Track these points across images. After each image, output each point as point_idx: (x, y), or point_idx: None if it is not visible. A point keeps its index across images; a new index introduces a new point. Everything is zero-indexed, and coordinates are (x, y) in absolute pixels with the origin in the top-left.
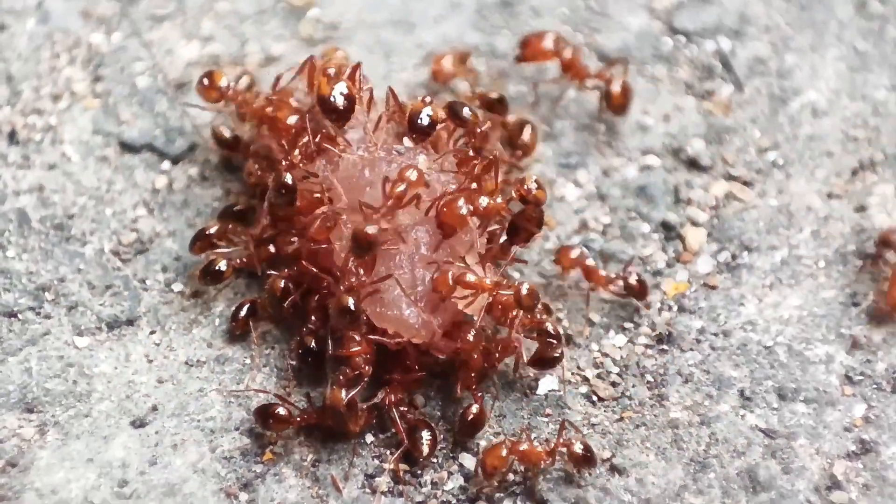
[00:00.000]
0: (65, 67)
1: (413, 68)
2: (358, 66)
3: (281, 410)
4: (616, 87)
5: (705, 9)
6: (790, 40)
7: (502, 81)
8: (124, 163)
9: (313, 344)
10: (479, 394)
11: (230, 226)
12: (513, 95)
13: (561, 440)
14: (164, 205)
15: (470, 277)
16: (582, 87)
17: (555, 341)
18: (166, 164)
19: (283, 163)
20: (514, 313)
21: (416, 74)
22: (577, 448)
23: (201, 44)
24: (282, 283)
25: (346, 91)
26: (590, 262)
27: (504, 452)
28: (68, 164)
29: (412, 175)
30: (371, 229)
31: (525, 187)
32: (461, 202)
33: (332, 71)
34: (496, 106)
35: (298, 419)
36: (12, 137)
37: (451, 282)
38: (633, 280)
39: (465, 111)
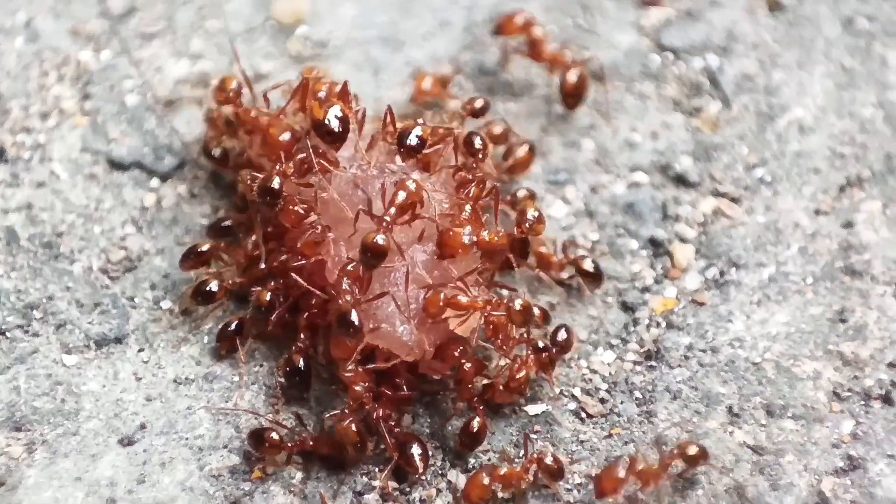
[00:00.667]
0: (53, 85)
1: (401, 86)
2: (346, 84)
3: (274, 435)
4: (572, 77)
5: (693, 26)
6: (777, 57)
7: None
8: (113, 180)
9: (301, 363)
10: (480, 407)
11: (220, 244)
12: (500, 112)
13: (531, 455)
14: (153, 222)
15: (461, 298)
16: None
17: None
18: (155, 182)
19: (276, 169)
20: (506, 334)
21: (404, 92)
22: (548, 461)
23: (191, 61)
24: (267, 297)
25: (340, 114)
26: (543, 249)
27: (486, 481)
28: (57, 182)
29: (411, 185)
30: (380, 239)
31: (525, 218)
32: (467, 231)
33: (322, 94)
34: (480, 113)
35: (291, 445)
36: (1, 155)
37: (441, 303)
38: (587, 266)
39: (478, 141)
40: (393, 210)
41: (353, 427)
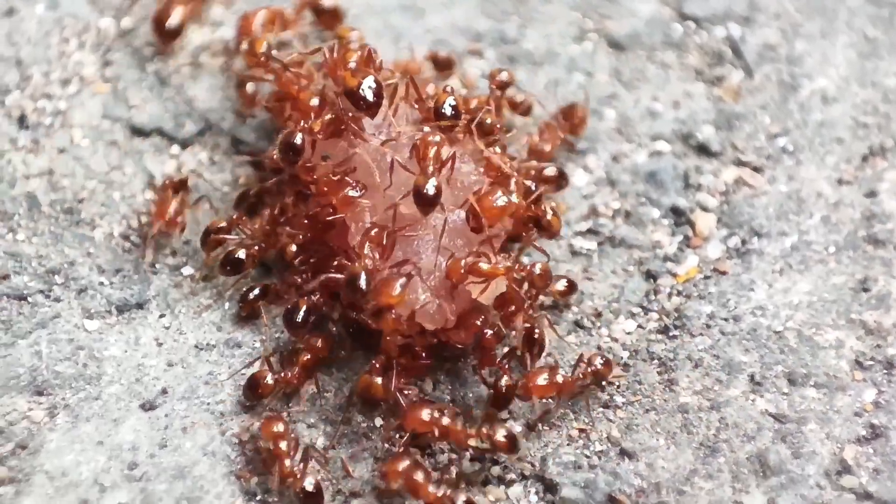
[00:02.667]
0: (74, 52)
1: (422, 53)
2: (370, 51)
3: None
4: None
5: None
6: (800, 27)
7: (511, 67)
8: (134, 147)
9: (302, 314)
10: (507, 366)
11: (238, 216)
12: (522, 82)
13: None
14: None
15: (482, 265)
16: None
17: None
18: (175, 149)
19: (300, 125)
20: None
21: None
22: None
23: (211, 28)
24: (293, 249)
25: (374, 84)
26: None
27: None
28: (78, 149)
29: (436, 138)
30: (431, 185)
31: (541, 209)
32: (499, 194)
33: (352, 64)
34: (506, 86)
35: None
36: (22, 122)
37: (462, 270)
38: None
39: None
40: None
41: (379, 381)
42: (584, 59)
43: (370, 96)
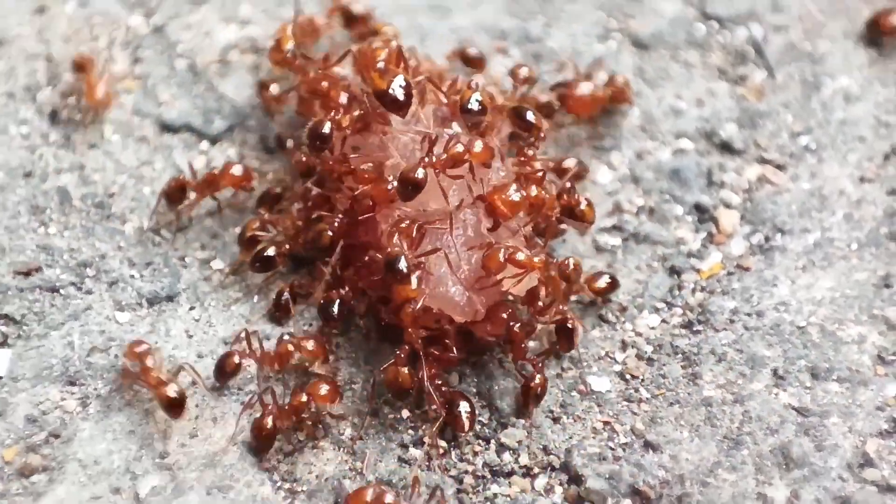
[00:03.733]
0: (104, 49)
1: (448, 53)
2: (400, 49)
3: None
4: None
5: None
6: (823, 27)
7: (536, 66)
8: (163, 143)
9: (336, 307)
10: (539, 363)
11: (267, 214)
12: (546, 80)
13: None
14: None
15: (520, 256)
16: None
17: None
18: (205, 145)
19: (329, 115)
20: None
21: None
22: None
23: (239, 26)
24: (329, 235)
25: (404, 83)
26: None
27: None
28: (108, 144)
29: (466, 141)
30: (419, 173)
31: (575, 198)
32: (513, 189)
33: (381, 65)
34: (528, 82)
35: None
36: (53, 117)
37: (502, 259)
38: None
39: (530, 115)
40: (444, 155)
41: (406, 371)
42: (608, 57)
43: (400, 96)
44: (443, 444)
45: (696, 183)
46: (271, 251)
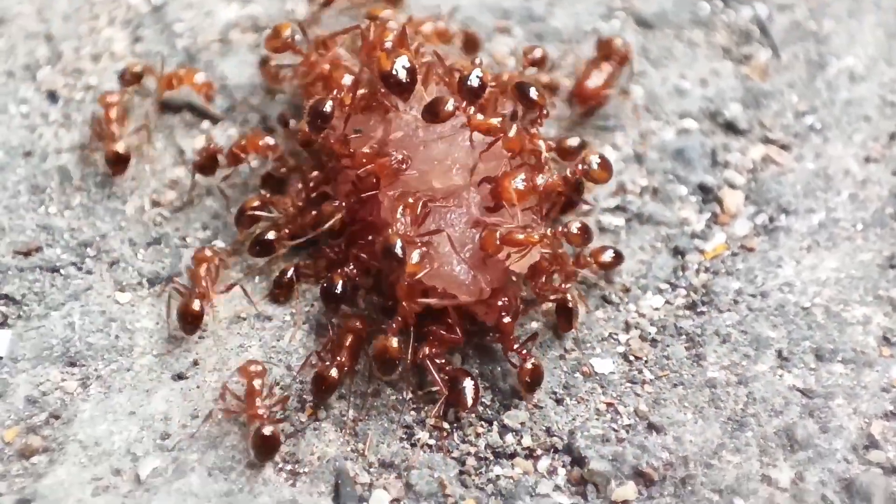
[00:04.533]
0: (104, 28)
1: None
2: (405, 29)
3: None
4: None
5: None
6: (827, 6)
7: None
8: (164, 122)
9: (339, 287)
10: (525, 351)
11: (269, 195)
12: (551, 58)
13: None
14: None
15: (517, 235)
16: None
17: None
18: (205, 124)
19: (331, 94)
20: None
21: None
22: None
23: (241, 5)
24: (339, 217)
25: (408, 64)
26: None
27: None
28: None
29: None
30: (451, 105)
31: (584, 167)
32: (520, 178)
33: (388, 44)
34: (540, 63)
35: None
36: (53, 97)
37: (497, 241)
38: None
39: (533, 91)
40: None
41: (395, 343)
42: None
43: (403, 76)
44: (445, 425)
45: (700, 163)
46: (271, 235)
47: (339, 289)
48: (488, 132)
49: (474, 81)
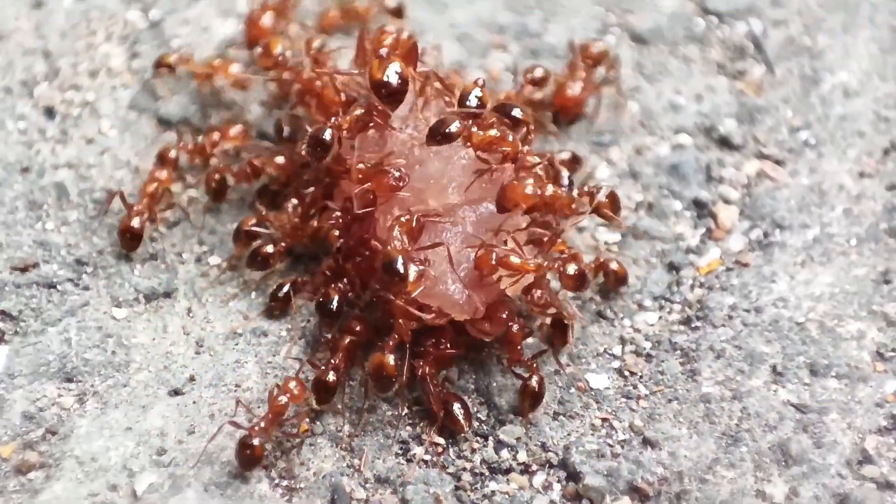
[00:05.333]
0: (102, 44)
1: (447, 48)
2: (415, 44)
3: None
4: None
5: None
6: (822, 22)
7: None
8: (161, 138)
9: (335, 303)
10: (535, 364)
11: (265, 210)
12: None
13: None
14: (201, 179)
15: (513, 259)
16: None
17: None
18: (202, 139)
19: (330, 121)
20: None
21: (449, 53)
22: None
23: (237, 21)
24: (337, 234)
25: (399, 71)
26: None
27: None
28: (105, 139)
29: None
30: (454, 126)
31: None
32: (529, 182)
33: (384, 51)
34: (541, 83)
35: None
36: (50, 113)
37: (493, 261)
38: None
39: (517, 111)
40: (481, 133)
41: (391, 360)
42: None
43: (394, 83)
44: (441, 441)
45: (694, 178)
46: (269, 248)
47: (334, 304)
48: (490, 145)
49: (473, 101)
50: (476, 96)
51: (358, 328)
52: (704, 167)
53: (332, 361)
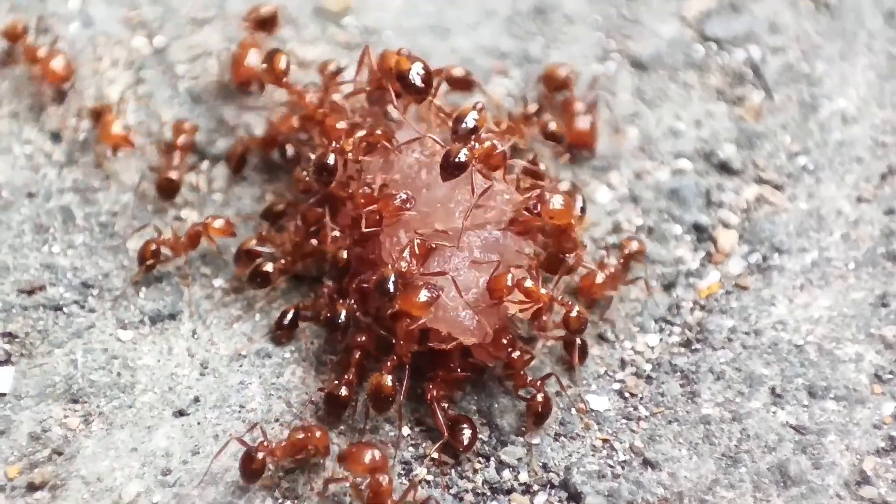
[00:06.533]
0: (107, 70)
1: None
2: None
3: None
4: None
5: (736, 17)
6: (820, 49)
7: (536, 87)
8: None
9: (342, 317)
10: (539, 383)
11: (267, 232)
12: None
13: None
14: (205, 203)
15: (529, 284)
16: None
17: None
18: (206, 164)
19: (333, 145)
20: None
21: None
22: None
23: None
24: (344, 255)
25: (423, 70)
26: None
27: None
28: (111, 163)
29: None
30: (463, 155)
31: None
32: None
33: (405, 51)
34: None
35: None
36: (56, 137)
37: (509, 284)
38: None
39: (470, 119)
40: (478, 146)
41: (389, 381)
42: (607, 78)
43: (419, 81)
44: (448, 459)
45: (694, 203)
46: (269, 266)
47: (342, 318)
48: (489, 156)
49: (469, 122)
50: (473, 118)
51: (366, 340)
52: (704, 192)
53: (346, 377)
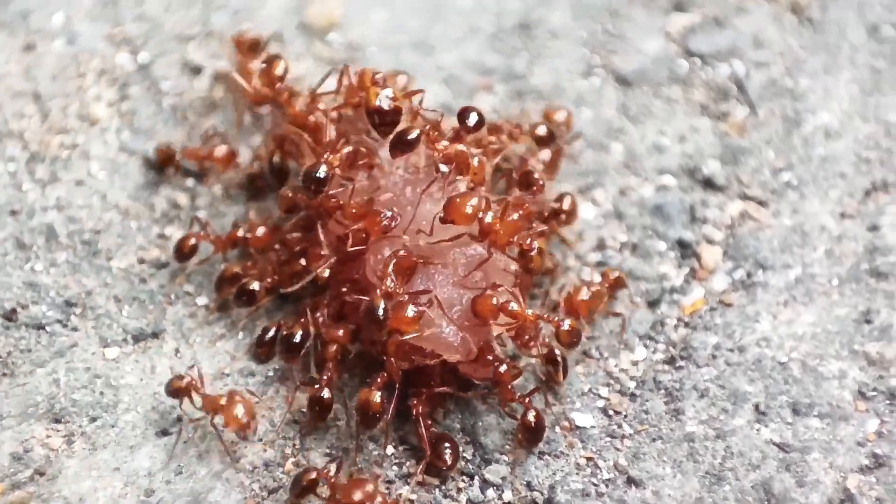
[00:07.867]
0: (91, 87)
1: (434, 90)
2: (421, 92)
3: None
4: None
5: (720, 32)
6: (804, 64)
7: (520, 101)
8: (149, 179)
9: (326, 393)
10: (527, 399)
11: (252, 262)
12: (531, 116)
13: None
14: (189, 221)
15: (514, 306)
16: None
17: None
18: (191, 182)
19: (323, 157)
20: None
21: (436, 95)
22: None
23: (228, 64)
24: (326, 274)
25: (391, 96)
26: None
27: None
28: (94, 181)
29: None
30: (414, 133)
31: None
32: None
33: (380, 77)
34: (545, 141)
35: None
36: (40, 155)
37: (493, 306)
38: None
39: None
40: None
41: (377, 398)
42: (591, 94)
43: (387, 106)
44: (432, 480)
45: (678, 219)
46: (255, 286)
47: (298, 338)
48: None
49: (472, 120)
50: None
51: (341, 333)
52: (688, 208)
53: (324, 377)
